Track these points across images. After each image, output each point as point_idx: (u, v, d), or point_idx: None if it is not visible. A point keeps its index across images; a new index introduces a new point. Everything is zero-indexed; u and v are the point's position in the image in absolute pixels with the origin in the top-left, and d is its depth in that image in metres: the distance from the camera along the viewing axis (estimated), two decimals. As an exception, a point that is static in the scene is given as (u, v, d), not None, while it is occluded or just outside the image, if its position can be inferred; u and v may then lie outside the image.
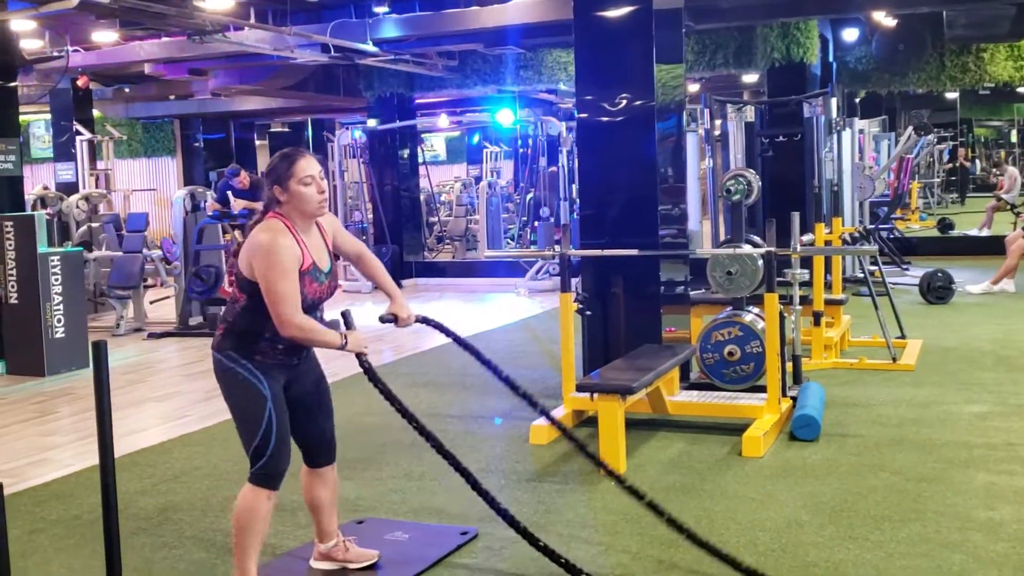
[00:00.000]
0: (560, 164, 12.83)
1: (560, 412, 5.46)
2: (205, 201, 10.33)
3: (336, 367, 7.46)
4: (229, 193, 9.97)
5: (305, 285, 3.10)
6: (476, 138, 22.42)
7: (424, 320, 3.47)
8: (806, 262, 6.54)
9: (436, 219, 17.88)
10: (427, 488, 4.43)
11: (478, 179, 19.06)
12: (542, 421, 5.30)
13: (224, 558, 3.73)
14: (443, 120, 16.13)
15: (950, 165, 24.09)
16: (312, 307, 3.17)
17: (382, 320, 3.37)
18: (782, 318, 5.37)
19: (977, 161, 28.10)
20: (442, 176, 23.39)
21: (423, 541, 3.63)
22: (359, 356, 3.22)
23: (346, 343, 3.13)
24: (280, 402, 3.18)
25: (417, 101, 15.35)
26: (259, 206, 10.47)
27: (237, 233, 11.13)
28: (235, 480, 4.71)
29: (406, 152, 14.48)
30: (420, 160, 15.55)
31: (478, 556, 3.65)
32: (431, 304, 11.51)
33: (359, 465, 4.90)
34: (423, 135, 19.52)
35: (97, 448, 2.66)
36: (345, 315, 3.28)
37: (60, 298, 7.73)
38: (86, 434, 5.68)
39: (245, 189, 10.00)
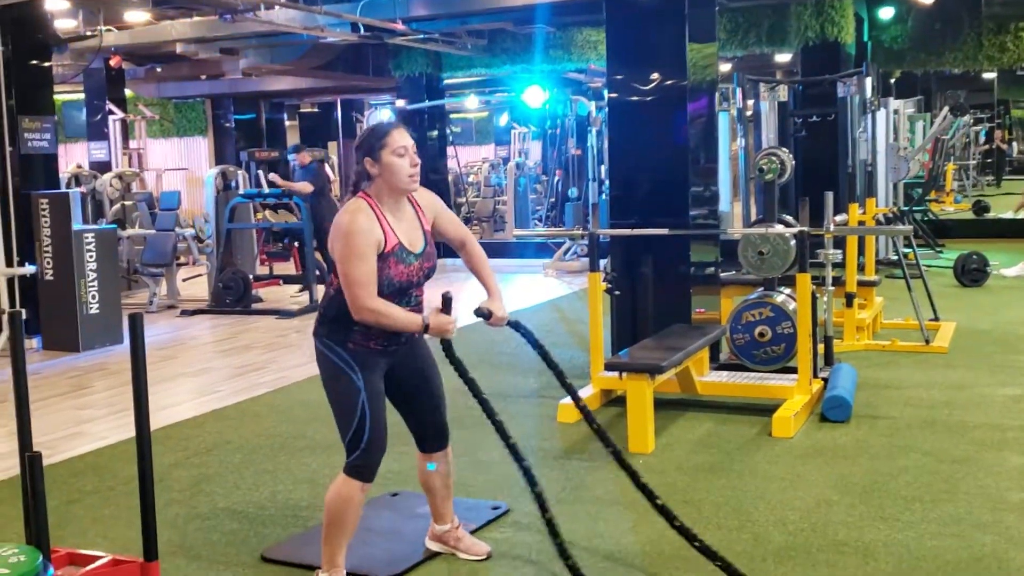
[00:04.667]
0: (589, 144, 12.78)
1: (588, 391, 5.47)
2: (236, 181, 10.40)
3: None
4: (271, 177, 10.06)
5: (390, 267, 3.03)
6: (504, 118, 22.38)
7: (515, 325, 3.33)
8: (839, 243, 6.49)
9: (464, 200, 17.88)
10: (457, 464, 4.45)
11: (506, 160, 19.03)
12: (570, 399, 5.33)
13: (256, 529, 3.77)
14: (472, 100, 16.10)
15: (986, 147, 23.72)
16: (403, 290, 3.10)
17: (476, 313, 3.24)
18: (814, 299, 5.33)
19: (1014, 143, 27.64)
20: (470, 157, 23.38)
21: (454, 515, 3.66)
22: (442, 340, 3.11)
23: (428, 327, 3.04)
24: (375, 394, 3.09)
25: (446, 81, 15.34)
26: (305, 187, 10.43)
27: (268, 213, 11.20)
28: (267, 454, 4.77)
29: (435, 132, 14.48)
30: (448, 140, 15.55)
31: (508, 531, 3.68)
32: (460, 285, 11.53)
33: (389, 440, 4.91)
34: (451, 115, 19.50)
35: (133, 421, 2.69)
36: (445, 297, 3.09)
37: (94, 275, 7.82)
38: (120, 408, 5.76)
39: (304, 166, 10.08)
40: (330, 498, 3.13)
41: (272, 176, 9.97)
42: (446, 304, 3.07)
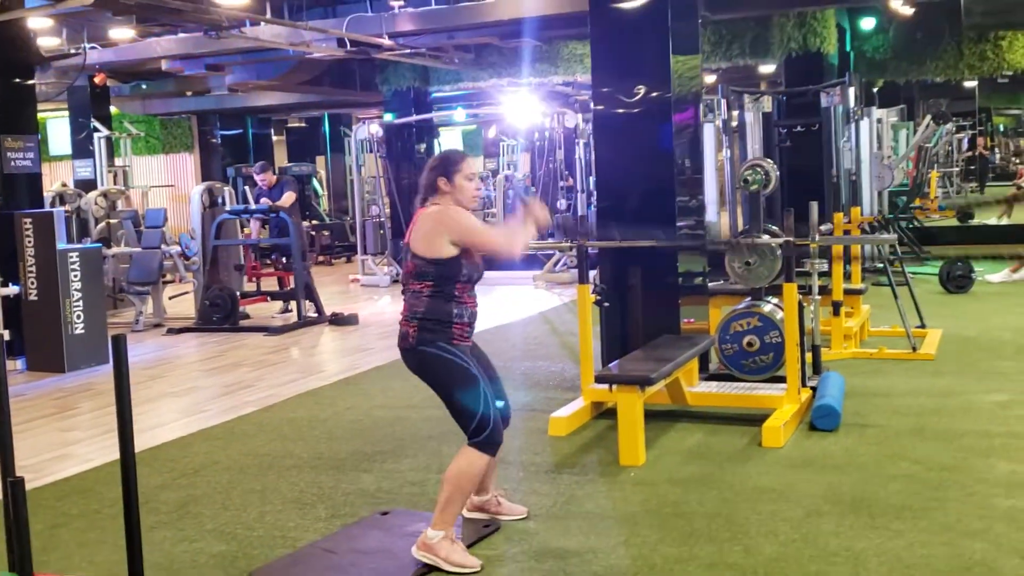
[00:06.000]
0: (577, 156, 12.81)
1: (579, 404, 5.46)
2: (222, 198, 10.37)
3: (356, 360, 7.48)
4: (264, 202, 9.98)
5: (469, 255, 3.56)
6: (492, 131, 22.38)
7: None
8: (825, 252, 6.51)
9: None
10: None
11: (495, 172, 19.02)
12: (561, 413, 5.33)
13: (244, 550, 3.74)
14: (459, 113, 16.11)
15: (969, 154, 23.88)
16: (473, 278, 3.60)
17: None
18: (801, 308, 5.34)
19: (996, 150, 27.85)
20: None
21: (444, 533, 3.63)
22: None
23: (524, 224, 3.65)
24: (484, 376, 3.59)
25: (433, 95, 15.36)
26: (289, 197, 10.27)
27: (257, 228, 11.16)
28: (255, 474, 4.73)
29: (423, 146, 14.48)
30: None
31: (499, 548, 3.65)
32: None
33: (378, 457, 4.91)
34: (438, 129, 19.52)
35: (117, 443, 2.67)
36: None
37: (79, 294, 7.77)
38: (106, 429, 5.71)
39: (270, 188, 10.01)
40: (458, 471, 3.51)
41: (264, 200, 9.93)
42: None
